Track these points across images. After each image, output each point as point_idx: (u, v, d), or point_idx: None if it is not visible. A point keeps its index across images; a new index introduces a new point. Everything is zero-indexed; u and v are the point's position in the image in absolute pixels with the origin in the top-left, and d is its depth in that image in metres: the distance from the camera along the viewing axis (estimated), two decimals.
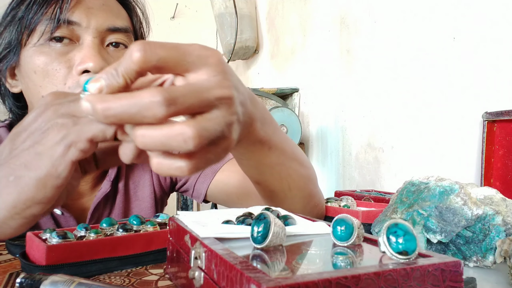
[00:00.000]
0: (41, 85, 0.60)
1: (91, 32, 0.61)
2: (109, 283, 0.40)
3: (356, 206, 0.72)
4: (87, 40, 0.61)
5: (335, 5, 1.54)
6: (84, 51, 0.60)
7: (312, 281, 0.22)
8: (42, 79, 0.60)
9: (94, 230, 0.46)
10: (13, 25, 0.62)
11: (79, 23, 0.60)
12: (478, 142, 0.95)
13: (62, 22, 0.59)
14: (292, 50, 1.87)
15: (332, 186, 1.56)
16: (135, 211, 0.74)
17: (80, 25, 0.61)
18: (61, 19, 0.59)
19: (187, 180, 0.78)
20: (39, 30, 0.60)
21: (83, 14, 0.61)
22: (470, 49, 0.98)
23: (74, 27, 0.60)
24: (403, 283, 0.25)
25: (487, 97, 0.93)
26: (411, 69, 1.16)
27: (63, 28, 0.60)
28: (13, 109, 0.69)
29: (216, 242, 0.31)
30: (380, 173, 1.30)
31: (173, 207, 1.80)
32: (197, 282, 0.30)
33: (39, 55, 0.60)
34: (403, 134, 1.20)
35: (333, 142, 1.55)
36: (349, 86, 1.45)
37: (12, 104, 0.68)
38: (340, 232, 0.33)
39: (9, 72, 0.65)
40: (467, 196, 0.48)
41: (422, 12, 1.12)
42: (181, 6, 2.82)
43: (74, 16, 0.60)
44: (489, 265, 0.47)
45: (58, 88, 0.60)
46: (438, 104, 1.07)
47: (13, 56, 0.63)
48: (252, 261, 0.29)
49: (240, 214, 0.41)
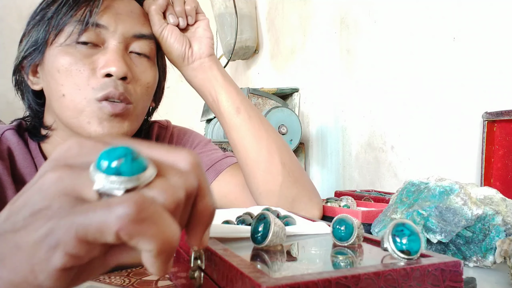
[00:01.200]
0: (63, 84, 0.61)
1: (117, 37, 0.62)
2: (109, 283, 0.40)
3: (356, 206, 0.72)
4: (112, 44, 0.62)
5: (335, 5, 1.54)
6: (108, 55, 0.61)
7: (312, 281, 0.22)
8: (64, 78, 0.61)
9: None
10: (41, 24, 0.63)
11: (106, 27, 0.62)
12: (478, 142, 0.95)
13: (90, 24, 0.60)
14: (292, 50, 1.87)
15: (332, 186, 1.56)
16: None
17: (107, 29, 0.62)
18: (89, 22, 0.60)
19: None
20: (67, 31, 0.61)
21: (112, 19, 0.62)
22: (470, 49, 0.98)
23: (101, 30, 0.62)
24: (403, 283, 0.25)
25: (487, 97, 0.93)
26: (411, 69, 1.16)
27: (90, 31, 0.61)
28: (32, 105, 0.69)
29: (216, 242, 0.31)
30: (380, 173, 1.30)
31: None
32: (197, 282, 0.30)
33: (64, 55, 0.61)
34: (403, 134, 1.20)
35: (333, 142, 1.55)
36: (349, 86, 1.45)
37: (32, 101, 0.69)
38: (340, 232, 0.33)
39: (32, 70, 0.66)
40: (467, 196, 0.48)
41: (422, 12, 1.12)
42: None
43: (102, 19, 0.61)
44: (489, 265, 0.47)
45: (80, 89, 0.61)
46: (438, 104, 1.07)
47: (38, 54, 0.64)
48: (252, 261, 0.29)
49: (240, 214, 0.41)
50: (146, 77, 0.66)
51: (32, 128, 0.68)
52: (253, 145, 0.68)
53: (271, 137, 0.70)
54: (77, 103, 0.61)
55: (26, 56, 0.65)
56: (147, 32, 0.67)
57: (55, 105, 0.63)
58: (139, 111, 0.66)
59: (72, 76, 0.61)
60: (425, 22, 1.11)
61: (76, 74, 0.61)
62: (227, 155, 0.78)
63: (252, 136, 0.69)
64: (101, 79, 0.61)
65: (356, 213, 0.63)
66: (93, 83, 0.61)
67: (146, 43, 0.66)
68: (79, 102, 0.61)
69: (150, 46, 0.68)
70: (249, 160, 0.69)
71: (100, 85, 0.61)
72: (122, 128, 0.63)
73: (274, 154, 0.68)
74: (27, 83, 0.68)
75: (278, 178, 0.67)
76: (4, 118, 1.57)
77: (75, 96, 0.61)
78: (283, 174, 0.68)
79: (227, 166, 0.75)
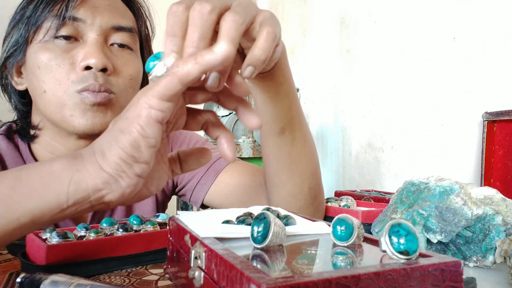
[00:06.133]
0: (44, 80, 0.61)
1: (95, 30, 0.63)
2: (109, 283, 0.40)
3: (356, 206, 0.72)
4: (90, 37, 0.63)
5: (335, 5, 1.54)
6: (87, 48, 0.62)
7: (312, 281, 0.22)
8: (45, 74, 0.61)
9: (94, 230, 0.46)
10: (21, 23, 0.64)
11: (84, 20, 0.62)
12: (478, 142, 0.95)
13: (67, 19, 0.61)
14: (292, 50, 1.87)
15: (332, 186, 1.56)
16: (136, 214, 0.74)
17: (84, 22, 0.62)
18: (66, 16, 0.61)
19: (189, 181, 0.77)
20: (45, 27, 0.62)
21: (89, 12, 0.62)
22: (470, 49, 0.98)
23: (79, 24, 0.62)
24: (403, 283, 0.25)
25: (487, 97, 0.93)
26: (411, 69, 1.16)
27: (68, 25, 0.61)
28: (18, 106, 0.70)
29: (216, 242, 0.31)
30: (380, 173, 1.30)
31: (173, 207, 1.80)
32: (197, 282, 0.30)
33: (44, 51, 0.62)
34: (403, 134, 1.20)
35: (333, 142, 1.55)
36: (349, 86, 1.45)
37: (17, 101, 0.69)
38: (340, 232, 0.33)
39: (16, 70, 0.67)
40: (467, 196, 0.48)
41: (422, 12, 1.12)
42: None
43: (79, 13, 0.62)
44: (489, 265, 0.47)
45: (60, 83, 0.61)
46: (438, 104, 1.07)
47: (20, 53, 0.64)
48: (252, 261, 0.29)
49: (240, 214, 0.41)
50: (128, 69, 0.66)
51: (21, 129, 0.69)
52: (287, 170, 0.61)
53: (309, 162, 0.62)
54: (58, 98, 0.61)
55: (9, 56, 0.65)
56: (126, 24, 0.66)
57: (38, 102, 0.64)
58: (123, 103, 0.65)
59: (52, 72, 0.61)
60: (425, 22, 1.11)
61: (56, 69, 0.61)
62: None
63: (290, 161, 0.60)
64: (80, 73, 0.61)
65: (356, 213, 0.63)
66: (73, 77, 0.61)
67: (126, 35, 0.66)
68: (60, 96, 0.61)
69: (131, 38, 0.67)
70: (277, 181, 0.62)
71: (80, 78, 0.61)
72: (106, 118, 0.63)
73: (305, 181, 0.62)
74: (12, 84, 0.68)
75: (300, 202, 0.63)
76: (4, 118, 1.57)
77: (56, 91, 0.61)
78: (306, 198, 0.63)
79: (226, 165, 0.74)
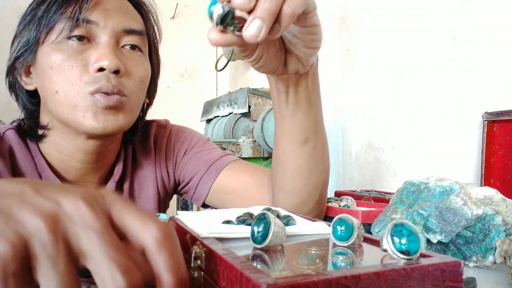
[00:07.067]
0: (56, 80, 0.61)
1: (107, 32, 0.63)
2: None
3: (356, 206, 0.72)
4: (103, 39, 0.63)
5: (335, 5, 1.54)
6: (100, 50, 0.62)
7: (312, 281, 0.22)
8: (57, 75, 0.61)
9: None
10: (32, 24, 0.64)
11: (97, 22, 0.62)
12: (478, 142, 0.95)
13: (81, 21, 0.61)
14: None
15: (332, 186, 1.56)
16: None
17: (97, 25, 0.62)
18: (80, 18, 0.61)
19: (191, 179, 0.77)
20: (58, 28, 0.62)
21: (101, 15, 0.63)
22: (470, 49, 0.98)
23: (92, 26, 0.62)
24: (403, 283, 0.25)
25: (487, 97, 0.93)
26: (411, 69, 1.16)
27: (81, 27, 0.62)
28: (26, 105, 0.70)
29: (216, 242, 0.31)
30: (380, 173, 1.30)
31: (173, 207, 1.80)
32: (197, 282, 0.30)
33: (56, 52, 0.62)
34: (403, 134, 1.20)
35: (333, 142, 1.55)
36: (349, 86, 1.45)
37: (26, 101, 0.69)
38: (340, 232, 0.33)
39: (24, 70, 0.67)
40: (467, 196, 0.48)
41: (422, 12, 1.12)
42: (181, 6, 2.82)
43: (92, 15, 0.62)
44: (489, 265, 0.47)
45: (73, 84, 0.61)
46: (438, 104, 1.07)
47: (30, 54, 0.64)
48: (252, 261, 0.29)
49: (240, 214, 0.41)
50: (138, 71, 0.67)
51: (29, 129, 0.69)
52: (303, 178, 0.61)
53: (324, 169, 0.63)
54: (70, 99, 0.61)
55: (18, 56, 0.65)
56: (137, 27, 0.67)
57: (49, 103, 0.64)
58: (133, 105, 0.66)
59: (64, 73, 0.61)
60: (425, 22, 1.11)
61: (68, 70, 0.61)
62: (226, 153, 0.78)
63: (308, 170, 0.61)
64: (93, 74, 0.61)
65: (356, 213, 0.63)
66: (86, 78, 0.61)
67: (137, 38, 0.67)
68: (72, 97, 0.61)
69: (141, 41, 0.68)
70: (291, 188, 0.62)
71: (92, 79, 0.61)
72: (117, 121, 0.63)
73: (318, 188, 0.62)
74: (20, 84, 0.68)
75: (309, 207, 0.64)
76: (3, 118, 1.57)
77: (68, 92, 0.61)
78: (315, 203, 0.64)
79: (227, 164, 0.75)
